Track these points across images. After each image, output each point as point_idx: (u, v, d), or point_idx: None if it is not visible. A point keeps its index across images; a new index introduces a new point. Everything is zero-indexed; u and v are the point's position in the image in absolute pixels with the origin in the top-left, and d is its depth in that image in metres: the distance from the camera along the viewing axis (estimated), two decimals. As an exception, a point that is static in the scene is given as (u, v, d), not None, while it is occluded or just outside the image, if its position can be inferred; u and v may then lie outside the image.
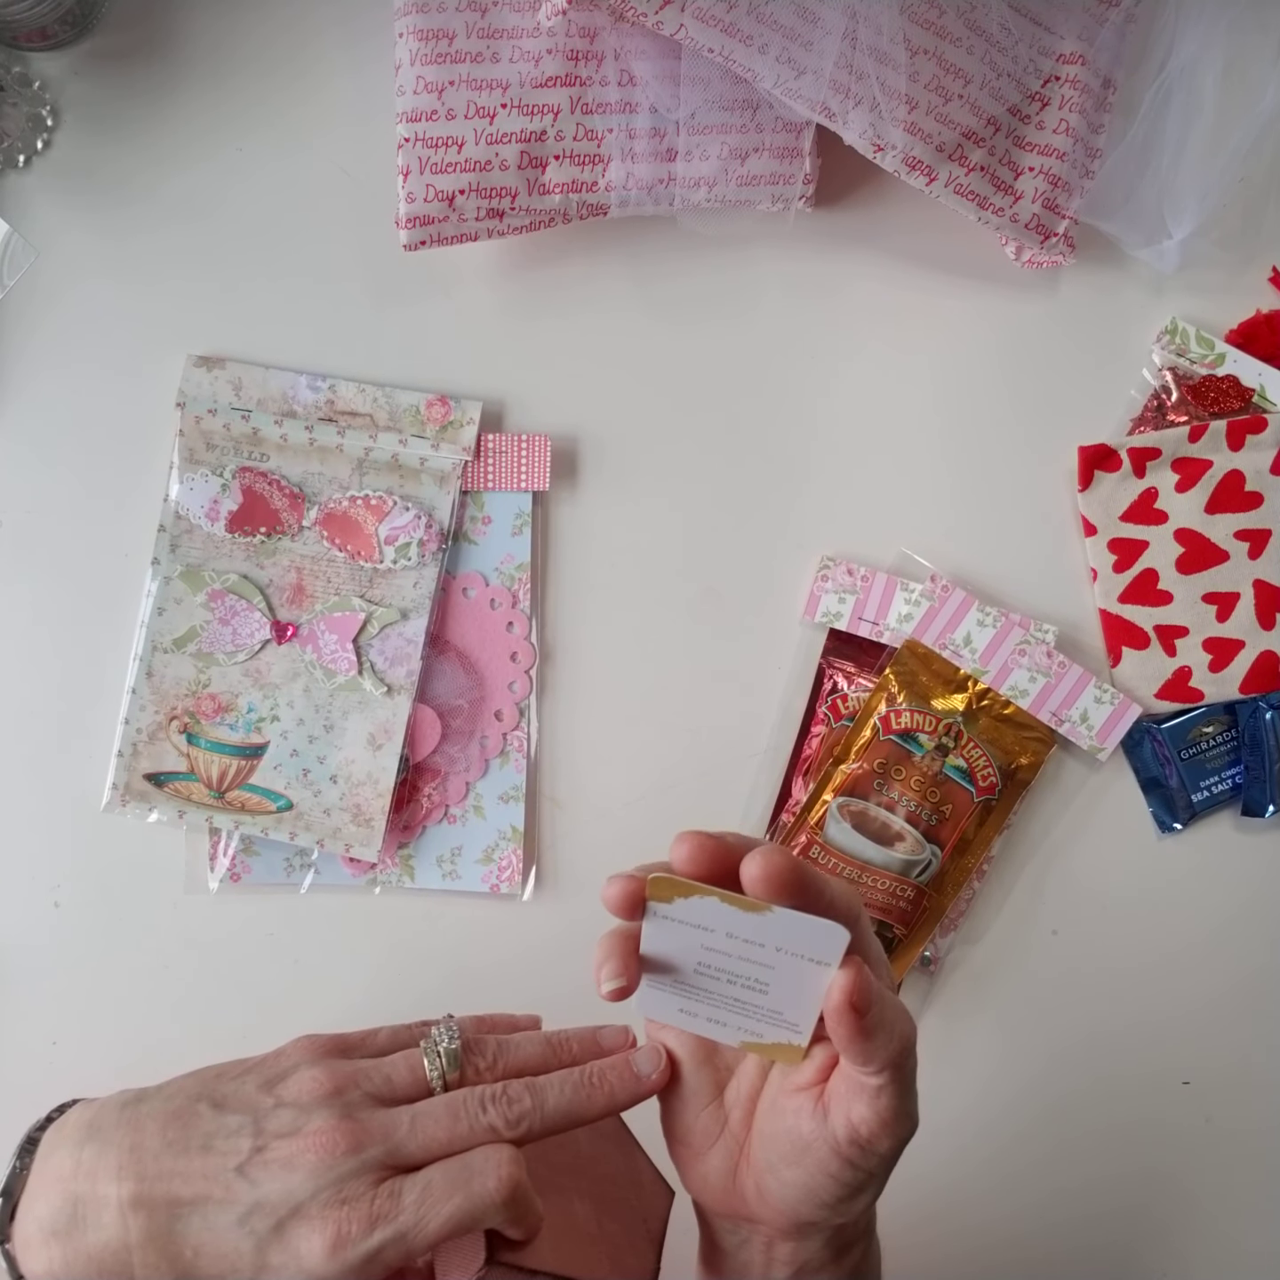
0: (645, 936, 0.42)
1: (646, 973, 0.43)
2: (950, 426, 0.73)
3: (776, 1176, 0.45)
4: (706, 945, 0.42)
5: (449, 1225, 0.42)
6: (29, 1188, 0.43)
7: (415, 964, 0.70)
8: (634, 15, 0.62)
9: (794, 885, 0.40)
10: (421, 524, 0.69)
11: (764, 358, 0.72)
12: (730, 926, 0.41)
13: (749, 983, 0.43)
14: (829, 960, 0.41)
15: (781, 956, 0.41)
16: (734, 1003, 0.44)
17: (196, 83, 0.71)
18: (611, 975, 0.43)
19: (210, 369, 0.70)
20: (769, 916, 0.40)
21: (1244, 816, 0.72)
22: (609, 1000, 0.43)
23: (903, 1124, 0.43)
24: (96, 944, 0.69)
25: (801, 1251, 0.47)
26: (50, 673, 0.70)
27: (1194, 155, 0.70)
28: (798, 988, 0.42)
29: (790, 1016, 0.43)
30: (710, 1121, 0.47)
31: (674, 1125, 0.48)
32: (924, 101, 0.65)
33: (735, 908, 0.40)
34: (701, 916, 0.41)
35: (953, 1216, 0.71)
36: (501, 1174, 0.42)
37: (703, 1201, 0.49)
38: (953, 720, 0.69)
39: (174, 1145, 0.43)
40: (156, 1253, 0.42)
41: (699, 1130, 0.47)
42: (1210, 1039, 0.73)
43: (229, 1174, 0.42)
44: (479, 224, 0.67)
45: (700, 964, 0.43)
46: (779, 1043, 0.44)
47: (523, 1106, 0.44)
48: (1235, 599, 0.72)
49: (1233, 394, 0.72)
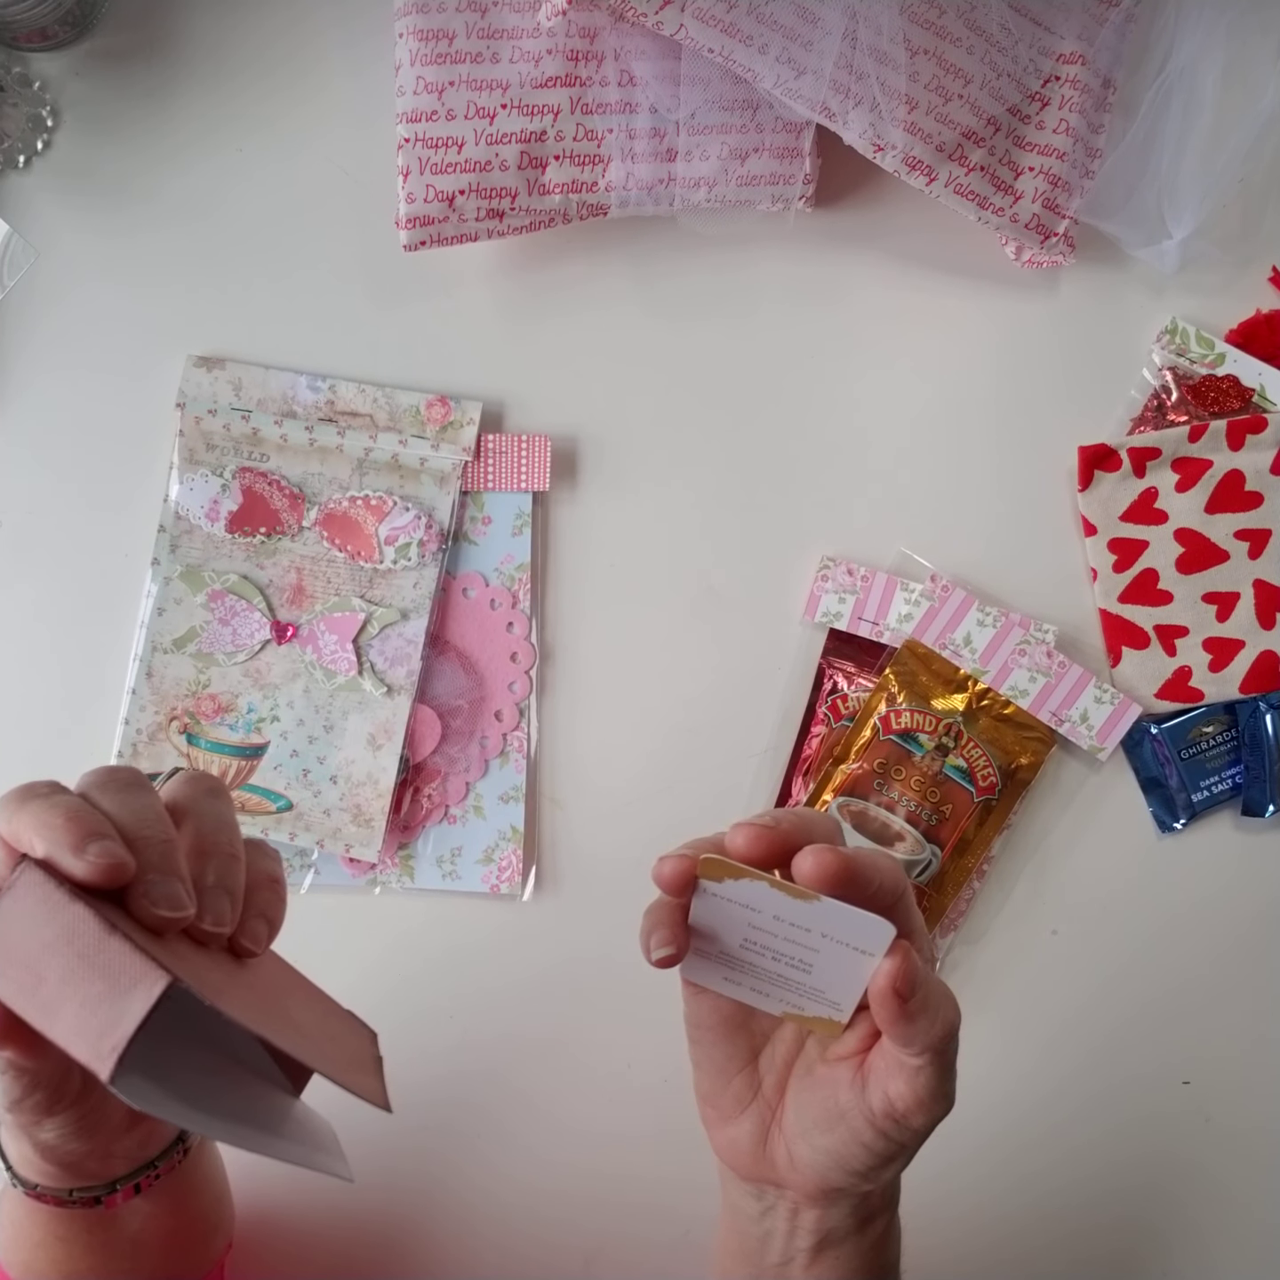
0: (694, 911, 0.43)
1: (693, 942, 0.44)
2: (950, 426, 0.73)
3: (809, 1142, 0.45)
4: (753, 924, 0.43)
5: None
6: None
7: (415, 964, 0.70)
8: (634, 15, 0.62)
9: (844, 882, 0.40)
10: (421, 524, 0.69)
11: (764, 358, 0.72)
12: (778, 910, 0.42)
13: (793, 961, 0.43)
14: (874, 951, 0.41)
15: (827, 942, 0.42)
16: (777, 977, 0.44)
17: (196, 83, 0.71)
18: (661, 943, 0.43)
19: (210, 369, 0.70)
20: (817, 905, 0.41)
21: (1244, 816, 0.72)
22: (658, 967, 0.43)
23: (939, 1104, 0.43)
24: (97, 944, 0.69)
25: (827, 1219, 0.47)
26: (50, 673, 0.70)
27: (1194, 155, 0.70)
28: (842, 970, 0.43)
29: (833, 995, 0.44)
30: (743, 1086, 0.47)
31: (707, 1088, 0.48)
32: (924, 101, 0.65)
33: (784, 894, 0.41)
34: (750, 898, 0.42)
35: (949, 1215, 0.71)
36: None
37: (731, 1165, 0.49)
38: (953, 720, 0.69)
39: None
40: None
41: (731, 1094, 0.48)
42: (1210, 1039, 0.72)
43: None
44: (479, 224, 0.67)
45: (746, 940, 0.43)
46: (820, 1016, 0.45)
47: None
48: (1235, 599, 0.72)
49: (1233, 394, 0.72)
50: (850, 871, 0.40)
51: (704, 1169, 0.71)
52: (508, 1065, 0.70)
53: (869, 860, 0.41)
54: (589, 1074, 0.70)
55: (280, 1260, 0.68)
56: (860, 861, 0.41)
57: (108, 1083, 0.34)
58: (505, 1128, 0.70)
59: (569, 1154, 0.70)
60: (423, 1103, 0.70)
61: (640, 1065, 0.70)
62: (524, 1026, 0.70)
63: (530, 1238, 0.70)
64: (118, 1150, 0.47)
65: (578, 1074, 0.70)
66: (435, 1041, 0.70)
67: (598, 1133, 0.70)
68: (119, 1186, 0.48)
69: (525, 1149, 0.70)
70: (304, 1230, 0.68)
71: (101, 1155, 0.47)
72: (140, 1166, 0.48)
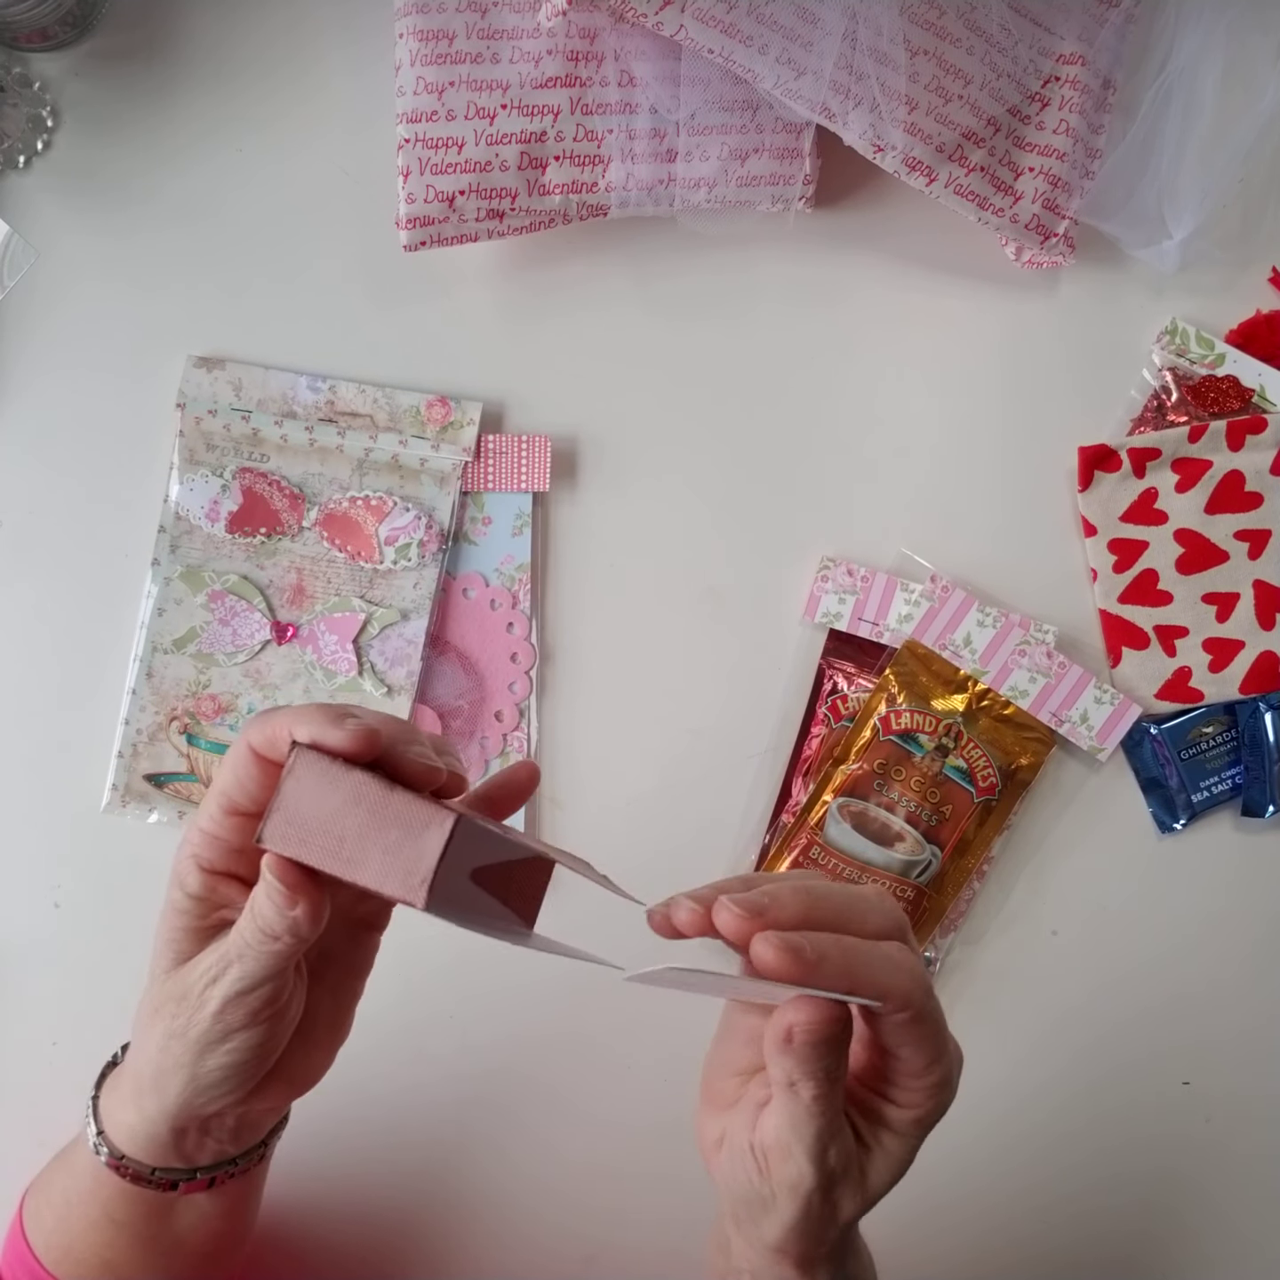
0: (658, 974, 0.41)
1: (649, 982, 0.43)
2: (950, 426, 0.73)
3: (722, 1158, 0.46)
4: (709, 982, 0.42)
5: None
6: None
7: (415, 964, 0.70)
8: (634, 16, 0.62)
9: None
10: (421, 525, 0.69)
11: (764, 358, 0.72)
12: (753, 984, 0.41)
13: (745, 991, 0.43)
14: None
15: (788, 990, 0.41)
16: (730, 990, 0.44)
17: (196, 84, 0.71)
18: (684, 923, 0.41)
19: (210, 370, 0.70)
20: (802, 990, 0.40)
21: (1244, 816, 0.72)
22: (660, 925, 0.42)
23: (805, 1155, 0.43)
24: (96, 944, 0.69)
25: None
26: (50, 673, 0.70)
27: (1194, 155, 0.70)
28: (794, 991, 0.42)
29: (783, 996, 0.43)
30: (731, 1088, 0.48)
31: (708, 1075, 0.49)
32: (924, 102, 0.65)
33: (767, 984, 0.40)
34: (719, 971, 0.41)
35: (950, 1217, 0.71)
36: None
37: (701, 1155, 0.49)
38: (953, 721, 0.69)
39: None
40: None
41: (719, 1088, 0.48)
42: (1210, 1039, 0.73)
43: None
44: (479, 225, 0.67)
45: (694, 985, 0.43)
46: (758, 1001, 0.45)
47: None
48: (1235, 599, 0.72)
49: (1233, 394, 0.72)
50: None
51: (704, 1171, 0.71)
52: (508, 1067, 0.70)
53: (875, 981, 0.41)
54: (589, 1075, 0.70)
55: (280, 1261, 0.68)
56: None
57: (424, 908, 0.39)
58: (505, 1128, 0.70)
59: (569, 1155, 0.70)
60: (422, 1103, 0.70)
61: (640, 1066, 0.70)
62: (524, 1028, 0.70)
63: (530, 1239, 0.70)
64: (214, 1131, 0.49)
65: (577, 1075, 0.70)
66: (435, 1042, 0.70)
67: (597, 1135, 0.70)
68: (199, 1175, 0.50)
69: (525, 1150, 0.70)
70: (304, 1230, 0.68)
71: (200, 1132, 0.49)
72: (221, 1161, 0.50)
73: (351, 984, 0.50)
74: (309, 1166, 0.68)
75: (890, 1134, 0.44)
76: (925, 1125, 0.44)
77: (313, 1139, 0.57)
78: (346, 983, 0.50)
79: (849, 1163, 0.43)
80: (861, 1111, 0.44)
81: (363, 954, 0.51)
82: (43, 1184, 0.54)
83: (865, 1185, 0.44)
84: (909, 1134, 0.44)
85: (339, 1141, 0.68)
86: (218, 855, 0.45)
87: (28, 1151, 0.58)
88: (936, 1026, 0.42)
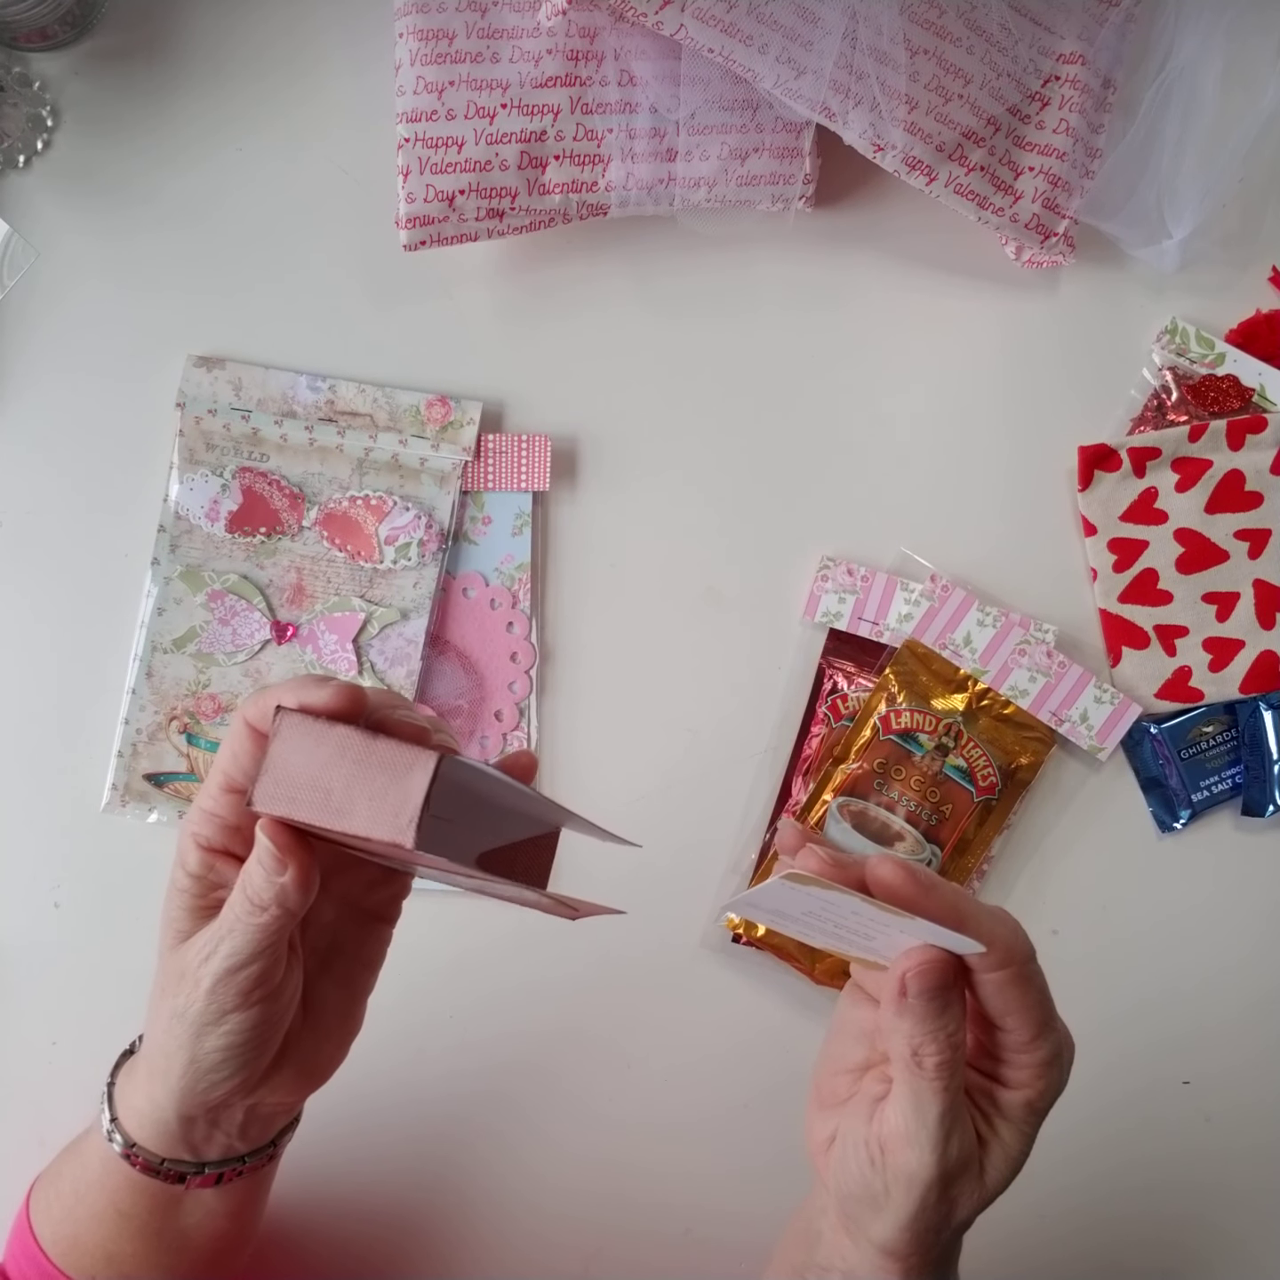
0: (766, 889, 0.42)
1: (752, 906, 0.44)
2: (950, 426, 0.73)
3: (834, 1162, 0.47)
4: (823, 910, 0.42)
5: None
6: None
7: (415, 964, 0.70)
8: (634, 15, 0.62)
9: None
10: (421, 524, 0.69)
11: (764, 358, 0.72)
12: (858, 909, 0.41)
13: (854, 931, 0.43)
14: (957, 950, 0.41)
15: (903, 935, 0.41)
16: (832, 934, 0.44)
17: (197, 83, 0.71)
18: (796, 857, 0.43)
19: (210, 369, 0.70)
20: (908, 921, 0.40)
21: (1244, 816, 0.72)
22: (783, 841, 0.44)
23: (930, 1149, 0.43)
24: (96, 944, 0.69)
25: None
26: (50, 673, 0.70)
27: (1194, 155, 0.70)
28: (904, 944, 0.42)
29: (885, 953, 0.44)
30: (844, 1085, 0.48)
31: (819, 1071, 0.49)
32: (924, 101, 0.65)
33: (876, 908, 0.40)
34: (833, 898, 0.41)
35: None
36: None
37: (809, 1152, 0.49)
38: (953, 720, 0.69)
39: None
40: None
41: (830, 1087, 0.48)
42: (1210, 1039, 0.72)
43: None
44: (479, 224, 0.67)
45: (809, 913, 0.43)
46: (862, 958, 0.45)
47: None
48: (1235, 599, 0.72)
49: (1233, 394, 0.72)
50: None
51: (704, 1168, 0.71)
52: (508, 1066, 0.70)
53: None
54: (589, 1075, 0.70)
55: (281, 1258, 0.68)
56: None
57: (412, 847, 0.40)
58: (505, 1128, 0.70)
59: (569, 1154, 0.70)
60: (422, 1103, 0.70)
61: (640, 1066, 0.70)
62: (524, 1028, 0.70)
63: (530, 1237, 0.70)
64: (223, 1124, 0.49)
65: (578, 1075, 0.70)
66: (435, 1043, 0.70)
67: (598, 1133, 0.70)
68: (206, 1170, 0.50)
69: (525, 1150, 0.70)
70: (303, 1230, 0.68)
71: (208, 1124, 0.49)
72: (229, 1158, 0.50)
73: (363, 976, 0.51)
74: (309, 1164, 0.68)
75: (1005, 1123, 0.44)
76: (1037, 1111, 0.44)
77: (313, 1138, 0.57)
78: (357, 975, 0.51)
79: (969, 1157, 0.43)
80: (976, 1101, 0.44)
81: (374, 946, 0.51)
82: (51, 1175, 0.54)
83: (984, 1182, 0.44)
84: (1022, 1121, 0.44)
85: (339, 1140, 0.68)
86: (216, 833, 0.45)
87: (28, 1151, 0.58)
88: (1040, 995, 0.44)
